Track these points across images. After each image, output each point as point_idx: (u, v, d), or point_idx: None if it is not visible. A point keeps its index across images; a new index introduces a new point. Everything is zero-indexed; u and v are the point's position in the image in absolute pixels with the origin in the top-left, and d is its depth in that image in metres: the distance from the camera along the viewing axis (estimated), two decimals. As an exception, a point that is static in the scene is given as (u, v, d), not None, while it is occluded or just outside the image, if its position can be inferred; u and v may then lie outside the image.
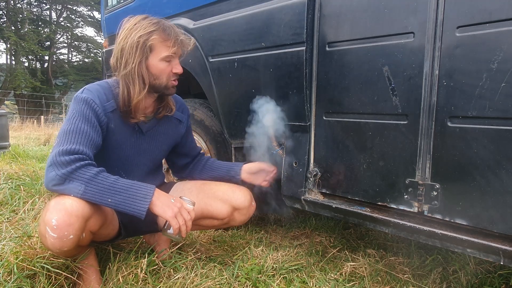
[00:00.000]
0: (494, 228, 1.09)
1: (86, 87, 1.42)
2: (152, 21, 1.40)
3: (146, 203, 1.25)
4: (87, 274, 1.41)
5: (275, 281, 1.50)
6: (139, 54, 1.38)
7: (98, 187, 1.22)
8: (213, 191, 1.64)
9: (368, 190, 1.39)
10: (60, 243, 1.20)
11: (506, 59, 1.03)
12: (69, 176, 1.20)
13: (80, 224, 1.21)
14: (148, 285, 1.42)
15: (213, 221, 1.63)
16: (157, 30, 1.38)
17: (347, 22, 1.40)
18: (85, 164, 1.23)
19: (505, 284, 1.45)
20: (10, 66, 17.98)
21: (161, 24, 1.41)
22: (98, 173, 1.24)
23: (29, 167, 3.28)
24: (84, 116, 1.32)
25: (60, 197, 1.24)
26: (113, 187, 1.23)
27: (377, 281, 1.55)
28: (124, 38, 1.40)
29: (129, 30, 1.40)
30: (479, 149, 1.09)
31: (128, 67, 1.39)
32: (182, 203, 1.35)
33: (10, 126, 7.06)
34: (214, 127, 2.11)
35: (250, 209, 1.65)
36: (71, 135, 1.27)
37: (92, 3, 19.15)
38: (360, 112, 1.38)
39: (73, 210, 1.20)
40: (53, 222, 1.18)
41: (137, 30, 1.38)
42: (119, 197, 1.23)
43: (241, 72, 1.79)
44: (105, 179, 1.24)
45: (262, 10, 1.66)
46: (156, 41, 1.38)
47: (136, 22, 1.41)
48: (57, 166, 1.20)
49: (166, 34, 1.40)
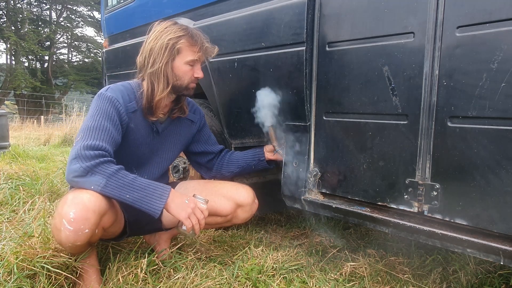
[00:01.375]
0: (494, 228, 1.09)
1: (110, 86, 1.48)
2: (181, 27, 1.49)
3: (162, 202, 1.31)
4: (88, 274, 1.41)
5: (275, 281, 1.50)
6: (167, 55, 1.45)
7: (118, 183, 1.27)
8: (217, 188, 1.67)
9: (368, 190, 1.39)
10: (75, 236, 1.22)
11: (506, 59, 1.03)
12: (92, 169, 1.25)
13: (96, 219, 1.25)
14: (148, 285, 1.42)
15: (216, 218, 1.65)
16: (185, 36, 1.47)
17: (347, 22, 1.40)
18: (107, 160, 1.30)
19: (505, 284, 1.45)
20: (10, 66, 17.98)
21: (189, 30, 1.50)
22: (119, 170, 1.30)
23: (29, 167, 3.28)
24: (107, 114, 1.38)
25: (78, 191, 1.26)
26: (132, 184, 1.29)
27: (377, 281, 1.55)
28: (154, 39, 1.47)
29: (159, 33, 1.47)
30: (479, 149, 1.09)
31: (156, 66, 1.46)
32: (196, 203, 1.40)
33: (10, 126, 7.06)
34: (214, 127, 2.11)
35: (253, 206, 1.68)
36: (94, 131, 1.33)
37: (92, 3, 19.14)
38: (360, 112, 1.38)
39: (91, 205, 1.23)
40: (71, 215, 1.21)
41: (168, 33, 1.46)
42: (137, 194, 1.29)
43: (241, 72, 1.79)
44: (125, 176, 1.30)
45: (262, 10, 1.66)
46: (183, 45, 1.47)
47: (167, 26, 1.49)
48: (81, 159, 1.25)
49: (194, 40, 1.48)
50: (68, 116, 10.29)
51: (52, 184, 2.77)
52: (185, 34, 1.48)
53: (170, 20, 1.53)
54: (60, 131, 8.07)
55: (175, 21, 1.54)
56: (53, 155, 4.64)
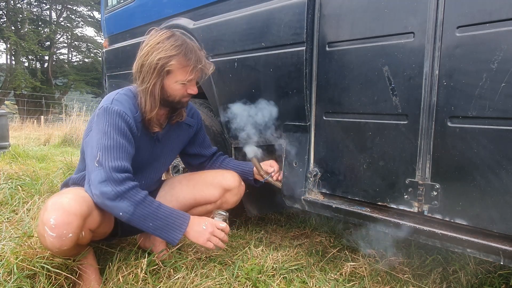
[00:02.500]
0: (494, 228, 1.09)
1: (115, 98, 1.43)
2: (175, 42, 1.40)
3: (181, 232, 1.38)
4: (87, 274, 1.41)
5: (275, 281, 1.50)
6: (155, 76, 1.39)
7: (144, 211, 1.33)
8: (203, 177, 1.70)
9: (368, 190, 1.39)
10: (59, 242, 1.21)
11: (506, 59, 1.03)
12: (123, 195, 1.30)
13: (78, 223, 1.23)
14: (148, 285, 1.42)
15: (206, 206, 1.68)
16: (177, 55, 1.38)
17: (347, 22, 1.40)
18: (135, 185, 1.34)
19: (505, 284, 1.45)
20: (10, 66, 17.97)
21: (184, 47, 1.40)
22: (145, 197, 1.35)
23: (29, 167, 3.28)
24: (120, 130, 1.36)
25: (57, 196, 1.27)
26: (156, 213, 1.35)
27: (377, 281, 1.55)
28: (145, 55, 1.41)
29: (151, 48, 1.40)
30: (479, 149, 1.09)
31: (144, 85, 1.42)
32: (215, 225, 1.45)
33: (10, 126, 7.06)
34: (214, 127, 2.11)
35: (240, 188, 1.71)
36: (114, 150, 1.34)
37: (92, 3, 19.13)
38: (360, 112, 1.38)
39: (71, 209, 1.22)
40: (51, 222, 1.19)
41: (159, 51, 1.38)
42: (159, 223, 1.35)
43: (241, 72, 1.79)
44: (151, 204, 1.35)
45: (262, 10, 1.66)
46: (174, 66, 1.40)
47: (159, 40, 1.40)
48: (112, 182, 1.29)
49: (186, 59, 1.40)
50: (68, 116, 10.29)
51: (52, 184, 2.77)
52: (177, 54, 1.38)
53: (166, 31, 1.45)
54: (60, 131, 8.07)
55: (172, 32, 1.45)
56: (53, 155, 4.64)
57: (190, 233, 1.41)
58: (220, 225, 1.48)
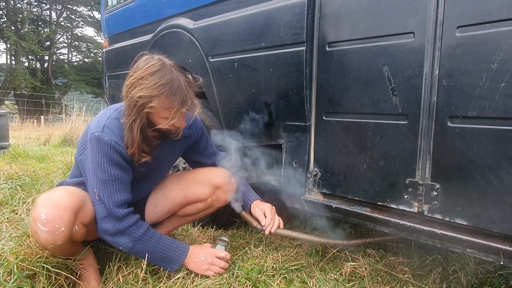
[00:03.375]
0: (494, 228, 1.09)
1: (106, 126, 1.36)
2: (160, 80, 1.26)
3: (178, 264, 1.45)
4: (87, 274, 1.42)
5: (275, 281, 1.50)
6: (135, 112, 1.30)
7: (143, 246, 1.39)
8: (193, 175, 1.69)
9: (368, 190, 1.39)
10: (52, 236, 1.22)
11: (506, 59, 1.03)
12: (123, 232, 1.36)
13: (69, 216, 1.25)
14: (148, 285, 1.42)
15: (197, 204, 1.67)
16: (159, 96, 1.26)
17: (347, 22, 1.40)
18: (136, 221, 1.38)
19: (505, 284, 1.45)
20: (10, 66, 17.97)
21: (168, 87, 1.27)
22: (145, 232, 1.39)
23: (29, 167, 3.28)
24: (114, 161, 1.35)
25: (47, 193, 1.30)
26: (155, 247, 1.40)
27: (377, 281, 1.55)
28: (128, 87, 1.31)
29: (135, 81, 1.29)
30: (479, 149, 1.09)
31: (125, 119, 1.35)
32: (214, 255, 1.50)
33: (10, 126, 7.06)
34: (214, 127, 2.11)
35: (230, 185, 1.66)
36: (111, 184, 1.35)
37: (92, 3, 19.13)
38: (360, 112, 1.38)
39: (61, 203, 1.25)
40: (43, 217, 1.21)
41: (141, 87, 1.27)
42: (157, 255, 1.42)
43: (241, 72, 1.79)
44: (150, 239, 1.40)
45: (262, 10, 1.66)
46: (155, 109, 1.29)
47: (143, 75, 1.28)
48: (113, 219, 1.35)
49: (169, 101, 1.28)
50: (68, 116, 10.28)
51: (52, 184, 2.77)
52: (159, 94, 1.26)
53: (155, 62, 1.30)
54: (60, 131, 8.07)
55: (160, 65, 1.29)
56: (53, 155, 4.64)
57: (189, 263, 1.47)
58: (220, 254, 1.51)
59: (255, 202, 1.67)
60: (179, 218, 1.72)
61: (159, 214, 1.67)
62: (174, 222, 1.74)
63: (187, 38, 2.09)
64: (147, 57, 1.34)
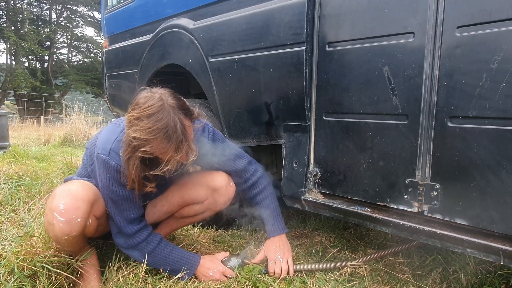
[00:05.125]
0: (494, 228, 1.09)
1: (112, 149, 1.35)
2: (155, 124, 1.18)
3: (188, 276, 1.50)
4: (88, 274, 1.42)
5: (275, 281, 1.50)
6: (129, 152, 1.25)
7: (154, 259, 1.46)
8: (192, 177, 1.68)
9: (368, 190, 1.39)
10: (68, 227, 1.25)
11: (506, 59, 1.03)
12: (135, 247, 1.45)
13: (86, 207, 1.29)
14: (148, 285, 1.42)
15: (194, 206, 1.65)
16: (153, 141, 1.20)
17: (347, 22, 1.40)
18: (147, 236, 1.46)
19: (505, 284, 1.45)
20: (10, 66, 17.97)
21: (163, 133, 1.19)
22: (156, 246, 1.46)
23: (29, 167, 3.28)
24: (121, 183, 1.37)
25: (64, 185, 1.34)
26: (165, 260, 1.47)
27: (377, 281, 1.55)
28: (127, 122, 1.25)
29: (132, 118, 1.22)
30: (479, 149, 1.10)
31: (121, 153, 1.31)
32: (222, 273, 1.52)
33: (10, 126, 7.06)
34: (214, 127, 2.11)
35: (228, 188, 1.63)
36: (121, 204, 1.40)
37: (92, 3, 19.13)
38: (360, 112, 1.39)
39: (79, 194, 1.29)
40: (61, 207, 1.25)
41: (136, 128, 1.20)
42: (168, 267, 1.48)
43: (241, 72, 1.79)
44: (161, 252, 1.47)
45: (262, 10, 1.66)
46: (148, 154, 1.23)
47: (139, 116, 1.20)
48: (124, 236, 1.44)
49: (162, 147, 1.22)
50: (68, 116, 10.28)
51: (52, 184, 2.77)
52: (153, 139, 1.19)
53: (154, 102, 1.21)
54: (60, 131, 8.06)
55: (158, 106, 1.20)
56: (53, 155, 4.64)
57: (197, 275, 1.52)
58: (228, 275, 1.53)
59: (269, 241, 1.61)
60: (177, 220, 1.72)
61: (158, 214, 1.66)
62: (172, 224, 1.74)
63: (187, 38, 2.09)
64: (148, 94, 1.24)
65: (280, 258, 1.55)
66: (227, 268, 1.54)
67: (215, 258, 1.57)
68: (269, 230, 1.62)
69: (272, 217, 1.63)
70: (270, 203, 1.64)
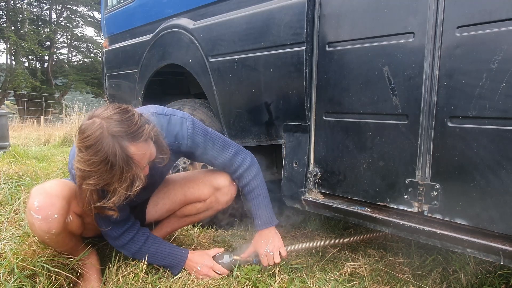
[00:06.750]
0: (494, 228, 1.09)
1: (71, 169, 1.32)
2: (95, 155, 1.09)
3: (178, 270, 1.53)
4: (89, 274, 1.42)
5: (275, 281, 1.50)
6: (78, 181, 1.18)
7: (142, 256, 1.49)
8: (195, 176, 1.69)
9: (368, 190, 1.39)
10: (46, 224, 1.24)
11: (506, 59, 1.03)
12: (121, 247, 1.48)
13: (61, 204, 1.27)
14: (148, 285, 1.42)
15: (196, 204, 1.66)
16: (94, 173, 1.11)
17: (347, 22, 1.40)
18: (132, 237, 1.47)
19: (505, 284, 1.45)
20: (10, 66, 17.96)
21: (104, 164, 1.10)
22: (142, 246, 1.48)
23: (29, 167, 3.28)
24: None
25: (41, 184, 1.33)
26: (154, 256, 1.50)
27: (377, 281, 1.55)
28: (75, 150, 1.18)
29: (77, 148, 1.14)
30: (479, 149, 1.09)
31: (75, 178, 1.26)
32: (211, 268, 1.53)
33: (10, 126, 7.05)
34: (214, 127, 2.11)
35: (231, 188, 1.63)
36: None
37: (92, 3, 19.11)
38: (360, 112, 1.38)
39: (53, 191, 1.28)
40: (35, 204, 1.24)
41: (78, 158, 1.12)
42: (157, 263, 1.52)
43: (241, 72, 1.79)
44: (148, 249, 1.49)
45: (262, 10, 1.66)
46: (92, 186, 1.14)
47: (80, 146, 1.11)
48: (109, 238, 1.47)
49: (103, 180, 1.13)
50: (68, 116, 10.29)
51: (52, 184, 2.76)
52: (93, 172, 1.11)
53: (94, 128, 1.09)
54: (60, 131, 8.06)
55: (98, 133, 1.09)
56: (53, 155, 4.64)
57: (187, 269, 1.54)
58: (217, 271, 1.53)
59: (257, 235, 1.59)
60: (178, 219, 1.72)
61: (159, 213, 1.67)
62: (174, 223, 1.74)
63: (187, 38, 2.09)
64: (88, 122, 1.12)
65: (270, 252, 1.52)
66: (216, 263, 1.53)
67: (205, 253, 1.57)
68: (257, 223, 1.56)
69: (260, 208, 1.56)
70: (258, 195, 1.56)
